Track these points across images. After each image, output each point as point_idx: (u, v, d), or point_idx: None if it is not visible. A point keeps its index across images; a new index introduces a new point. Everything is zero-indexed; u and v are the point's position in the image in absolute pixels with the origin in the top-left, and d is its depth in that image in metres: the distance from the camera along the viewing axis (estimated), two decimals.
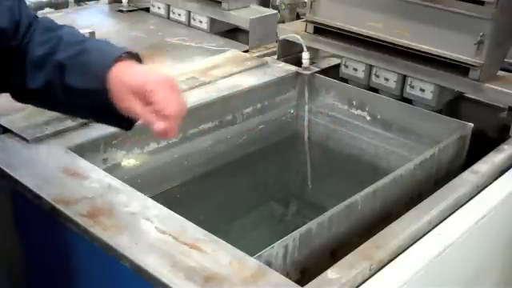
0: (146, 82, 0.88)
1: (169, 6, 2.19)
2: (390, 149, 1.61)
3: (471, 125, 1.45)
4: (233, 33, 2.08)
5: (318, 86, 1.73)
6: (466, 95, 1.60)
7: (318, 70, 1.75)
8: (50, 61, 0.95)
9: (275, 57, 1.81)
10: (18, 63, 0.97)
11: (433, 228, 1.07)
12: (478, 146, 1.41)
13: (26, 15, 0.99)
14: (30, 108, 1.34)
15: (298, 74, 1.73)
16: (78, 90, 0.93)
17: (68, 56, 0.94)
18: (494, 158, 1.30)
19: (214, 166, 1.57)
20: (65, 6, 2.49)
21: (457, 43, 1.42)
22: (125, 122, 0.95)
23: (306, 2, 1.76)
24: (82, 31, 1.06)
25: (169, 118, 0.87)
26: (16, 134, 1.23)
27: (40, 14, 2.38)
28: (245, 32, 1.99)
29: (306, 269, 1.07)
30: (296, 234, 1.03)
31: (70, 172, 1.12)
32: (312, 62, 1.76)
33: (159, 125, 0.86)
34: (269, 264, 0.96)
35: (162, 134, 0.87)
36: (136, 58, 0.95)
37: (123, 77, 0.90)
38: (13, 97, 1.04)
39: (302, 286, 0.88)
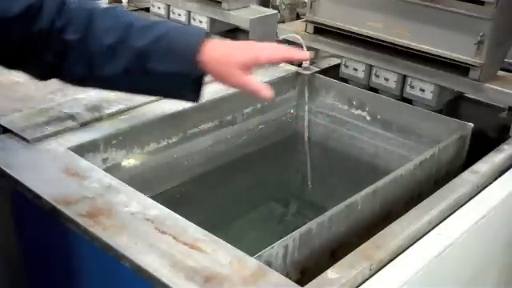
0: (257, 54, 1.00)
1: (169, 6, 2.18)
2: (390, 149, 1.61)
3: (471, 125, 1.45)
4: (233, 33, 2.08)
5: (318, 85, 1.73)
6: (466, 95, 1.60)
7: (317, 69, 1.75)
8: (124, 48, 0.98)
9: None
10: (78, 54, 0.99)
11: (433, 228, 1.07)
12: (478, 146, 1.41)
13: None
14: (29, 108, 1.34)
15: (298, 73, 1.73)
16: (163, 75, 0.99)
17: (147, 43, 0.98)
18: (494, 158, 1.30)
19: (213, 166, 1.57)
20: None
21: (457, 43, 1.42)
22: (196, 95, 1.04)
23: (305, 2, 1.76)
24: None
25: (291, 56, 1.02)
26: (16, 134, 1.23)
27: None
28: (245, 32, 1.99)
29: (306, 269, 1.07)
30: (296, 234, 1.03)
31: (70, 172, 1.12)
32: (312, 62, 1.76)
33: (264, 93, 1.00)
34: (269, 264, 0.96)
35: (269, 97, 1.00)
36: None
37: (223, 56, 0.99)
38: (75, 84, 1.10)
39: (302, 286, 0.88)
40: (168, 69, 0.98)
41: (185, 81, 1.00)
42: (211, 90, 1.54)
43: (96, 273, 1.05)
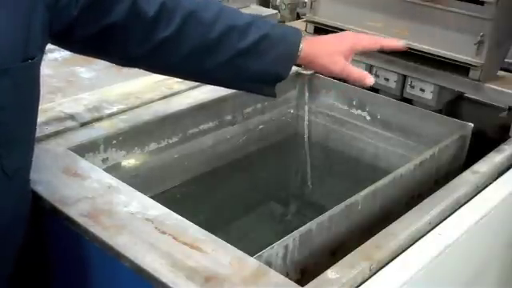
0: (354, 43, 1.11)
1: None
2: (390, 149, 1.61)
3: (471, 125, 1.45)
4: None
5: (318, 86, 1.73)
6: (466, 95, 1.60)
7: None
8: (226, 45, 1.02)
9: None
10: (170, 47, 1.01)
11: (433, 228, 1.07)
12: (478, 146, 1.41)
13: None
14: None
15: (298, 74, 1.73)
16: (256, 72, 1.06)
17: (249, 43, 1.03)
18: (494, 158, 1.30)
19: (213, 166, 1.57)
20: None
21: (457, 43, 1.42)
22: (274, 91, 1.12)
23: (305, 2, 1.76)
24: None
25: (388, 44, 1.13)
26: None
27: None
28: None
29: (306, 269, 1.07)
30: (296, 234, 1.03)
31: (70, 172, 1.12)
32: None
33: (369, 80, 1.11)
34: (269, 264, 0.96)
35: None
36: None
37: (323, 48, 1.09)
38: (156, 72, 1.18)
39: (302, 286, 0.88)
40: (265, 68, 1.05)
41: (273, 79, 1.08)
42: (211, 90, 1.55)
43: (96, 273, 1.05)
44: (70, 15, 0.93)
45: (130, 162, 1.38)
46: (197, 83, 1.56)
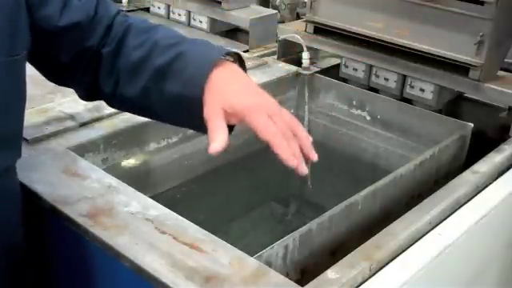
0: (243, 106, 0.86)
1: (169, 6, 2.19)
2: (390, 149, 1.61)
3: (471, 125, 1.45)
4: (233, 33, 2.08)
5: (318, 85, 1.73)
6: (466, 95, 1.60)
7: (318, 69, 1.75)
8: (146, 66, 0.92)
9: (275, 57, 1.81)
10: (108, 69, 0.96)
11: (433, 228, 1.07)
12: (478, 146, 1.41)
13: (104, 13, 0.97)
14: (29, 108, 1.34)
15: (298, 73, 1.73)
16: (175, 97, 0.90)
17: (165, 61, 0.91)
18: (494, 158, 1.30)
19: (213, 166, 1.57)
20: None
21: (457, 43, 1.42)
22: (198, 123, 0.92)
23: (305, 2, 1.76)
24: None
25: (273, 143, 0.86)
26: None
27: None
28: (245, 32, 1.99)
29: (306, 269, 1.07)
30: (296, 234, 1.03)
31: (70, 172, 1.12)
32: (312, 62, 1.76)
33: (213, 145, 0.88)
34: (269, 264, 0.96)
35: (212, 152, 0.88)
36: (234, 56, 0.93)
37: (221, 86, 0.87)
38: (107, 103, 1.04)
39: (302, 286, 0.88)
40: (179, 91, 0.90)
41: (191, 105, 0.89)
42: None
43: (96, 273, 1.05)
44: (51, 28, 0.93)
45: (129, 162, 1.38)
46: None
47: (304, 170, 0.89)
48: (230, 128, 0.91)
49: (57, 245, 1.11)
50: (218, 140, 0.86)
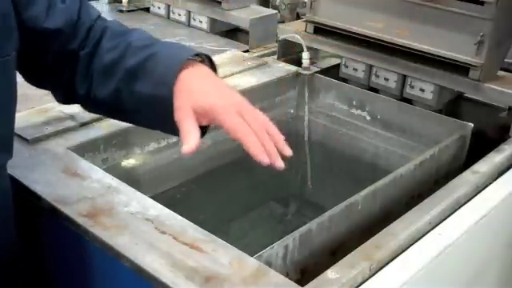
0: (213, 107, 0.85)
1: (169, 6, 2.19)
2: (390, 149, 1.61)
3: (471, 125, 1.45)
4: (233, 33, 2.08)
5: (318, 85, 1.73)
6: (466, 95, 1.60)
7: (318, 69, 1.75)
8: (118, 68, 0.93)
9: (275, 57, 1.81)
10: (83, 71, 0.96)
11: (433, 228, 1.07)
12: (478, 146, 1.41)
13: (86, 18, 0.98)
14: (29, 108, 1.34)
15: (298, 73, 1.73)
16: (146, 97, 0.91)
17: (136, 62, 0.92)
18: (494, 158, 1.30)
19: (213, 166, 1.57)
20: None
21: (457, 43, 1.42)
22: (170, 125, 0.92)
23: (305, 2, 1.76)
24: None
25: (245, 141, 0.85)
26: (16, 134, 1.23)
27: None
28: (245, 32, 1.99)
29: (306, 269, 1.07)
30: (296, 234, 1.03)
31: (70, 172, 1.12)
32: (312, 62, 1.76)
33: (185, 147, 0.86)
34: (269, 264, 0.96)
35: (184, 153, 0.86)
36: (205, 58, 0.93)
37: (191, 87, 0.87)
38: (82, 106, 1.05)
39: (302, 286, 0.88)
40: (149, 91, 0.90)
41: (163, 107, 0.88)
42: None
43: (96, 273, 1.05)
44: (36, 29, 0.93)
45: (129, 162, 1.38)
46: None
47: (280, 164, 0.89)
48: (204, 129, 0.91)
49: (57, 245, 1.11)
50: (189, 142, 0.85)
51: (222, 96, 0.89)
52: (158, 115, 0.92)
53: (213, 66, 0.96)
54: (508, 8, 1.36)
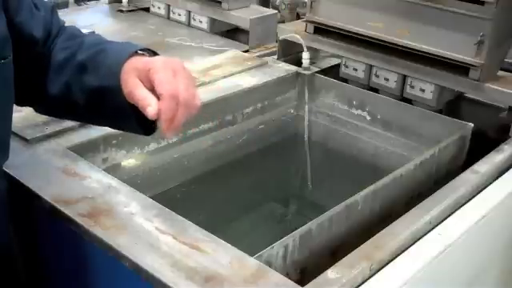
0: (149, 61, 0.86)
1: (169, 6, 2.19)
2: (390, 149, 1.61)
3: (471, 125, 1.45)
4: (233, 33, 2.08)
5: (318, 85, 1.73)
6: (466, 95, 1.60)
7: (318, 69, 1.75)
8: (69, 64, 0.96)
9: (275, 57, 1.81)
10: (40, 70, 0.98)
11: (433, 228, 1.07)
12: (478, 146, 1.41)
13: (56, 24, 1.01)
14: (29, 108, 1.34)
15: (298, 73, 1.73)
16: (95, 89, 0.92)
17: (87, 56, 0.94)
18: (494, 158, 1.30)
19: (214, 166, 1.57)
20: (65, 6, 2.49)
21: (457, 43, 1.42)
22: (146, 126, 0.95)
23: (305, 2, 1.76)
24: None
25: (164, 98, 0.82)
26: (16, 134, 1.23)
27: None
28: (245, 32, 1.99)
29: (306, 269, 1.07)
30: (296, 234, 1.03)
31: (70, 172, 1.12)
32: (312, 62, 1.76)
33: (150, 109, 0.82)
34: (269, 264, 0.96)
35: (153, 116, 0.82)
36: (152, 54, 0.94)
37: (136, 65, 0.87)
38: (36, 109, 1.07)
39: (302, 286, 0.88)
40: (98, 82, 0.91)
41: (119, 102, 0.89)
42: (211, 90, 1.55)
43: (96, 273, 1.05)
44: (20, 34, 0.94)
45: (129, 161, 1.38)
46: (197, 83, 1.56)
47: (168, 135, 0.91)
48: (153, 128, 0.95)
49: (57, 245, 1.11)
50: (151, 104, 0.83)
51: (164, 59, 0.88)
52: (110, 109, 0.93)
53: None
54: (508, 8, 1.36)
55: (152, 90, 0.84)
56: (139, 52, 0.91)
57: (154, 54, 0.94)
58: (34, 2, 0.98)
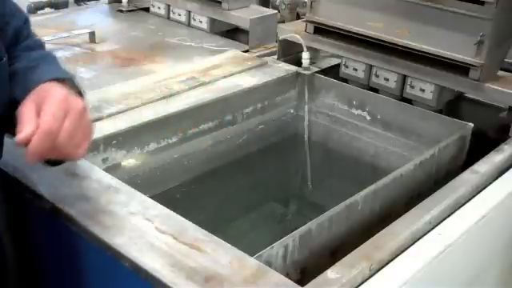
0: (52, 92, 0.85)
1: (169, 6, 2.19)
2: (390, 149, 1.61)
3: (471, 125, 1.45)
4: (233, 33, 2.08)
5: (318, 86, 1.73)
6: (466, 95, 1.60)
7: (318, 69, 1.75)
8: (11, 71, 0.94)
9: (275, 57, 1.82)
10: None
11: (433, 228, 1.07)
12: (478, 146, 1.41)
13: (26, 34, 1.01)
14: None
15: (298, 73, 1.73)
16: (13, 100, 0.90)
17: (22, 66, 0.94)
18: (494, 158, 1.30)
19: (214, 166, 1.57)
20: (65, 6, 2.49)
21: (457, 43, 1.42)
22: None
23: (305, 2, 1.76)
24: (81, 31, 1.07)
25: (39, 132, 0.81)
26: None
27: (40, 13, 2.38)
28: (245, 32, 1.99)
29: (306, 269, 1.07)
30: (296, 234, 1.03)
31: (70, 172, 1.12)
32: (312, 62, 1.76)
33: (20, 135, 0.81)
34: (269, 264, 0.96)
35: (21, 143, 0.80)
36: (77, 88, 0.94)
37: (41, 89, 0.87)
38: None
39: (302, 286, 0.88)
40: (18, 96, 0.88)
41: None
42: (211, 90, 1.55)
43: (96, 273, 1.05)
44: (8, 30, 0.96)
45: (129, 161, 1.38)
46: (197, 83, 1.56)
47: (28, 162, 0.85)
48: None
49: (56, 245, 1.11)
50: (24, 130, 0.81)
51: (66, 98, 0.86)
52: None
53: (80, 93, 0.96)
54: (508, 8, 1.36)
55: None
56: (64, 81, 0.90)
57: (79, 90, 0.93)
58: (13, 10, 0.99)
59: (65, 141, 0.83)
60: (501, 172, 1.29)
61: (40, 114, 0.82)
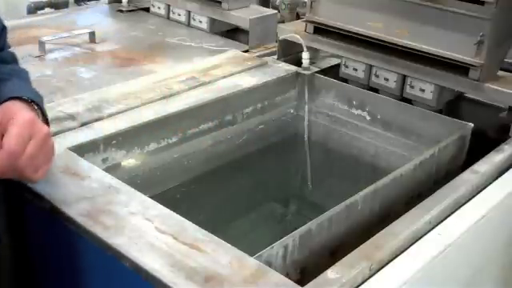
0: (17, 113, 0.86)
1: (169, 6, 2.19)
2: (390, 149, 1.61)
3: (471, 125, 1.45)
4: (233, 33, 2.08)
5: (318, 86, 1.73)
6: (466, 95, 1.60)
7: (318, 69, 1.75)
8: None
9: (275, 57, 1.81)
10: None
11: (433, 228, 1.07)
12: (478, 146, 1.41)
13: (3, 45, 1.05)
14: None
15: (298, 73, 1.73)
16: None
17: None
18: (494, 158, 1.30)
19: (213, 166, 1.57)
20: (65, 6, 2.50)
21: (457, 43, 1.42)
22: None
23: (305, 2, 1.76)
24: (81, 31, 1.08)
25: (2, 151, 0.83)
26: None
27: (40, 13, 2.39)
28: (245, 32, 1.99)
29: (306, 269, 1.07)
30: (296, 234, 1.03)
31: (70, 172, 1.12)
32: (312, 62, 1.76)
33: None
34: (269, 264, 0.96)
35: None
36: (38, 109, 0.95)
37: (6, 107, 0.88)
38: None
39: (302, 286, 0.88)
40: None
41: None
42: (211, 90, 1.55)
43: (96, 273, 1.05)
44: None
45: (129, 161, 1.38)
46: (197, 83, 1.56)
47: None
48: None
49: (56, 245, 1.11)
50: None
51: (32, 122, 0.88)
52: None
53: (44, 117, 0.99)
54: (508, 8, 1.36)
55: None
56: (29, 101, 0.92)
57: (43, 113, 0.96)
58: None
59: (26, 163, 0.85)
60: (501, 172, 1.29)
61: (4, 134, 0.84)
